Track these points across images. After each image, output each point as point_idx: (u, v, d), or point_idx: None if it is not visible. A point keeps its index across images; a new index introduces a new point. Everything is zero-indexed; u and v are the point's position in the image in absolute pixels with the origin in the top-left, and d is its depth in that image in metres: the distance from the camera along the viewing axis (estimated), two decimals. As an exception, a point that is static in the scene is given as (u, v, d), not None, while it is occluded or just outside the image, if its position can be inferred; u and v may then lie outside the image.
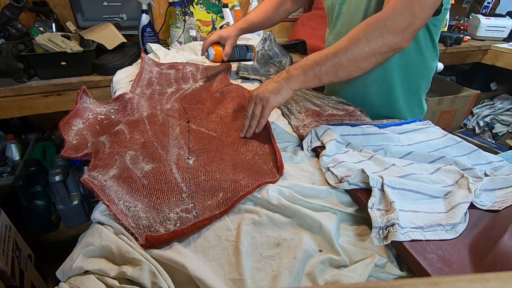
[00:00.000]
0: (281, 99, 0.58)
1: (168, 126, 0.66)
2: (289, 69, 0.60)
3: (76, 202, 1.29)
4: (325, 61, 0.56)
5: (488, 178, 0.48)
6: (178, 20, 1.29)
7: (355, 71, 0.58)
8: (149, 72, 0.96)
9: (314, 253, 0.39)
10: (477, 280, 0.15)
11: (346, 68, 0.57)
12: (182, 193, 0.47)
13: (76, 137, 0.62)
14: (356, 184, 0.47)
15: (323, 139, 0.58)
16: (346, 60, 0.56)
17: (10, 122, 1.43)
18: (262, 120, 0.60)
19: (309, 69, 0.57)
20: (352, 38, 0.56)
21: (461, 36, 1.58)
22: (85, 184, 0.46)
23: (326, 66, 0.56)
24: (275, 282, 0.35)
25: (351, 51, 0.55)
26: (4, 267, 0.93)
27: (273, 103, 0.58)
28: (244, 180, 0.49)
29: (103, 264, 0.37)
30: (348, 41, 0.56)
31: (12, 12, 1.00)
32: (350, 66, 0.56)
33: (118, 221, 0.41)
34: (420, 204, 0.44)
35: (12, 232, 1.07)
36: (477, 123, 2.00)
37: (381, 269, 0.38)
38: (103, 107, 0.74)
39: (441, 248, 0.37)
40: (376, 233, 0.39)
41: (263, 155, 0.57)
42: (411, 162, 0.54)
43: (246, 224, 0.42)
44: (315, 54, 0.59)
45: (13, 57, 0.93)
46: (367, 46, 0.55)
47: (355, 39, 0.55)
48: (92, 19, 1.24)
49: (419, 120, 0.71)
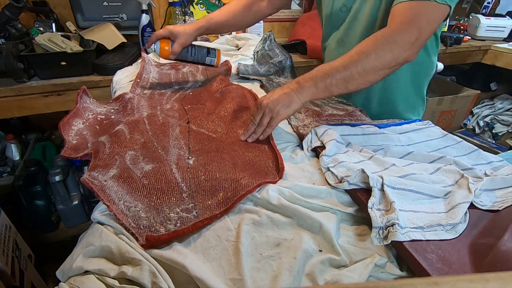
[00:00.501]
0: (290, 112, 0.58)
1: (168, 126, 0.66)
2: (299, 80, 0.59)
3: (76, 202, 1.29)
4: (336, 74, 0.57)
5: (488, 178, 0.48)
6: (178, 20, 1.29)
7: (364, 84, 0.58)
8: (149, 72, 0.96)
9: (314, 253, 0.39)
10: (477, 280, 0.15)
11: (356, 81, 0.57)
12: (183, 193, 0.47)
13: (76, 137, 0.62)
14: (356, 184, 0.47)
15: (323, 139, 0.58)
16: (356, 73, 0.56)
17: (10, 122, 1.43)
18: (268, 129, 0.60)
19: (320, 81, 0.57)
20: (361, 52, 0.57)
21: (461, 36, 1.58)
22: (85, 184, 0.46)
23: (337, 79, 0.57)
24: (275, 282, 0.35)
25: (361, 64, 0.56)
26: (4, 267, 0.93)
27: (282, 116, 0.58)
28: (245, 179, 0.49)
29: (103, 264, 0.37)
30: (357, 54, 0.57)
31: (12, 12, 1.00)
32: (360, 79, 0.57)
33: (118, 221, 0.41)
34: (420, 204, 0.44)
35: (12, 232, 1.07)
36: (477, 123, 2.00)
37: (381, 269, 0.38)
38: (103, 107, 0.74)
39: (441, 248, 0.37)
40: (376, 233, 0.39)
41: (263, 156, 0.57)
42: (411, 162, 0.54)
43: (246, 224, 0.42)
44: (324, 66, 0.59)
45: (13, 57, 0.93)
46: (377, 61, 0.56)
47: (365, 53, 0.56)
48: (92, 19, 1.24)
49: (419, 120, 0.71)
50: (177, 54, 0.81)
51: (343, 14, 0.78)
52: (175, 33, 0.80)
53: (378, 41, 0.57)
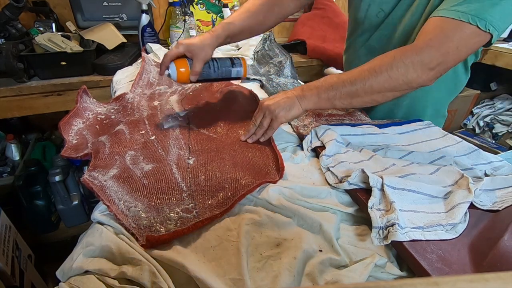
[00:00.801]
0: (290, 116, 0.57)
1: (168, 126, 0.66)
2: (304, 87, 0.58)
3: (76, 202, 1.29)
4: (341, 87, 0.55)
5: (488, 178, 0.48)
6: (178, 20, 1.29)
7: (370, 102, 0.56)
8: (149, 72, 0.96)
9: (314, 253, 0.39)
10: (477, 280, 0.15)
11: (361, 99, 0.55)
12: (183, 193, 0.47)
13: (76, 137, 0.62)
14: (356, 184, 0.47)
15: (323, 139, 0.58)
16: (362, 91, 0.54)
17: (10, 122, 1.43)
18: (269, 131, 0.59)
19: (323, 92, 0.56)
20: (373, 69, 0.53)
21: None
22: (85, 184, 0.46)
23: (341, 93, 0.55)
24: (275, 282, 0.35)
25: (370, 83, 0.53)
26: (4, 267, 0.93)
27: (282, 119, 0.57)
28: (245, 179, 0.49)
29: (103, 264, 0.37)
30: (368, 71, 0.54)
31: (12, 12, 1.00)
32: (366, 97, 0.55)
33: (118, 221, 0.41)
34: (420, 204, 0.44)
35: (12, 232, 1.07)
36: (477, 123, 2.00)
37: (381, 269, 0.38)
38: (103, 107, 0.74)
39: (441, 248, 0.37)
40: (376, 233, 0.39)
41: (263, 156, 0.57)
42: (411, 162, 0.54)
43: (246, 224, 0.42)
44: (332, 76, 0.57)
45: (13, 57, 0.93)
46: (387, 83, 0.53)
47: (377, 72, 0.53)
48: (92, 19, 1.24)
49: (419, 120, 0.71)
50: (200, 74, 0.64)
51: (378, 20, 0.71)
52: (192, 47, 0.62)
53: (394, 60, 0.52)
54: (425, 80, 0.53)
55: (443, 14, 0.52)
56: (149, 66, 0.99)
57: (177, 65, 0.62)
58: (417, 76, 0.52)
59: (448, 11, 0.52)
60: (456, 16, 0.51)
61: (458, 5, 0.51)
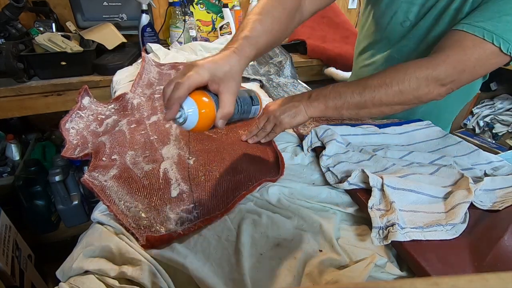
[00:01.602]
0: (295, 123, 0.57)
1: (168, 126, 0.66)
2: (311, 94, 0.57)
3: (76, 202, 1.29)
4: (349, 97, 0.54)
5: (488, 178, 0.48)
6: (178, 20, 1.29)
7: (376, 114, 0.56)
8: (149, 72, 0.96)
9: (314, 253, 0.39)
10: (477, 280, 0.15)
11: (369, 110, 0.54)
12: (183, 193, 0.47)
13: (77, 137, 0.62)
14: (356, 184, 0.47)
15: (323, 139, 0.58)
16: (371, 103, 0.53)
17: (10, 122, 1.43)
18: (271, 135, 0.59)
19: (331, 101, 0.55)
20: (383, 81, 0.52)
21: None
22: (85, 184, 0.46)
23: (349, 103, 0.54)
24: (275, 282, 0.35)
25: (379, 95, 0.52)
26: (4, 267, 0.93)
27: (285, 125, 0.57)
28: (245, 179, 0.49)
29: (103, 264, 0.36)
30: (379, 83, 0.52)
31: (12, 12, 1.00)
32: (374, 109, 0.54)
33: (118, 221, 0.41)
34: (420, 204, 0.44)
35: (12, 232, 1.07)
36: (477, 123, 2.00)
37: (381, 269, 0.38)
38: (104, 107, 0.74)
39: (441, 248, 0.37)
40: (376, 233, 0.40)
41: (263, 156, 0.57)
42: (411, 162, 0.54)
43: (246, 224, 0.42)
44: (340, 85, 0.56)
45: (13, 57, 0.93)
46: (397, 97, 0.51)
47: (387, 85, 0.51)
48: (92, 19, 1.24)
49: (419, 120, 0.71)
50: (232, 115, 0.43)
51: (403, 30, 0.67)
52: (220, 74, 0.41)
53: (407, 74, 0.50)
54: (435, 96, 0.52)
55: (467, 29, 0.50)
56: (149, 66, 0.99)
57: (199, 103, 0.39)
58: (428, 92, 0.51)
59: (473, 27, 0.49)
60: (480, 34, 0.48)
61: (484, 22, 0.48)
